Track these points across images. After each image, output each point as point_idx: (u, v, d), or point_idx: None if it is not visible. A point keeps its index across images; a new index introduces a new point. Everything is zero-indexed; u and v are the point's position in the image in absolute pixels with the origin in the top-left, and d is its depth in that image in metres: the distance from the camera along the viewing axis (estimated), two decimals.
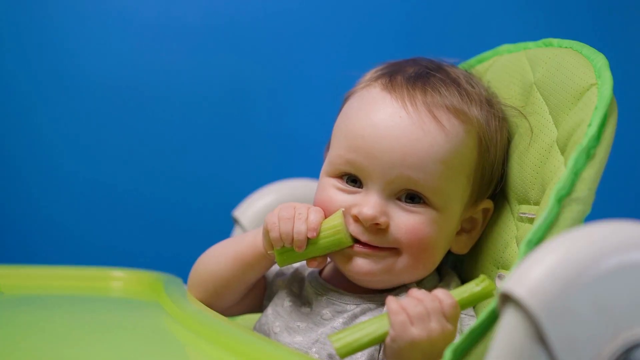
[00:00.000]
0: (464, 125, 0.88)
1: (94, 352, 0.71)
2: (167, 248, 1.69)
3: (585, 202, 0.76)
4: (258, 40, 1.71)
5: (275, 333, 0.91)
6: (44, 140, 1.69)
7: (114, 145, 1.70)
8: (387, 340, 0.75)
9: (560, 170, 0.83)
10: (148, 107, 1.71)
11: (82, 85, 1.69)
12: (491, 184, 0.92)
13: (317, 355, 0.86)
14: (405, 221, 0.86)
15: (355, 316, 0.88)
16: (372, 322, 0.76)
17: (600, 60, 0.84)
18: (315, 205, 0.91)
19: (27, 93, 1.68)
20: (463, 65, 1.07)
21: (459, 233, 0.92)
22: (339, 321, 0.88)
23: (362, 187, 0.88)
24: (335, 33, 1.72)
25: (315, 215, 0.87)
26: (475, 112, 0.89)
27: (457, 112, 0.88)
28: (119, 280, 1.09)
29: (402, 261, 0.87)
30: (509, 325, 0.62)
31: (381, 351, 0.84)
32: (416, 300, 0.75)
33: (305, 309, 0.92)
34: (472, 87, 0.92)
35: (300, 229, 0.86)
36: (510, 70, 0.98)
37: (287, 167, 1.53)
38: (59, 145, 1.69)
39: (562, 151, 0.84)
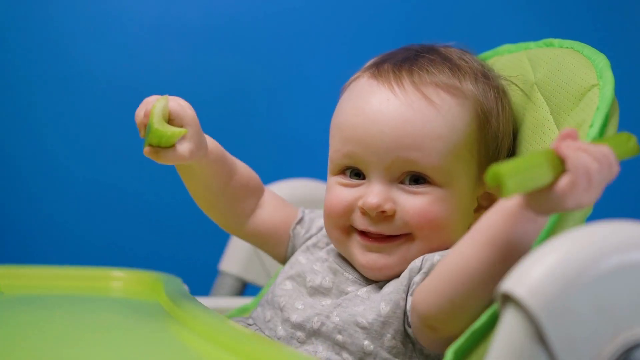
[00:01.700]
0: (457, 99, 0.87)
1: (94, 352, 0.71)
2: (167, 248, 1.70)
3: None
4: (258, 40, 1.71)
5: (298, 309, 0.89)
6: (44, 140, 1.69)
7: (114, 145, 1.70)
8: (558, 192, 0.66)
9: None
10: None
11: (82, 85, 1.69)
12: (499, 156, 0.90)
13: (338, 319, 0.85)
14: (412, 204, 0.85)
15: (380, 287, 0.87)
16: (531, 157, 0.66)
17: (602, 61, 0.84)
18: (325, 206, 0.91)
19: (27, 92, 1.68)
20: None
21: (477, 210, 0.89)
22: (363, 290, 0.87)
23: (365, 179, 0.88)
24: (335, 33, 1.72)
25: (153, 102, 0.85)
26: (469, 85, 0.88)
27: (447, 87, 0.87)
28: (119, 280, 1.09)
29: (416, 247, 0.86)
30: (509, 325, 0.62)
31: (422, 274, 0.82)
32: (598, 164, 0.67)
33: (326, 284, 0.90)
34: (466, 62, 0.91)
35: (138, 113, 0.86)
36: (511, 70, 0.98)
37: (287, 167, 1.53)
38: (59, 145, 1.69)
39: None
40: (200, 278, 1.29)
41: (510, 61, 0.99)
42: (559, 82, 0.88)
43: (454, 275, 0.74)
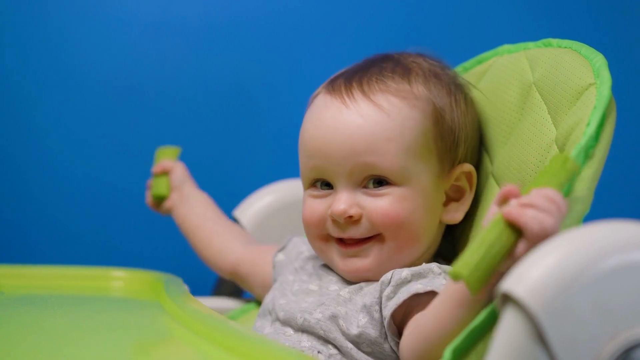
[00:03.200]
0: (406, 101, 0.91)
1: (94, 352, 0.71)
2: (167, 248, 1.69)
3: (584, 201, 0.76)
4: (259, 40, 1.71)
5: (280, 304, 0.94)
6: (45, 139, 1.69)
7: (114, 144, 1.70)
8: (522, 244, 0.67)
9: None
10: (148, 107, 1.70)
11: (83, 84, 1.69)
12: (458, 148, 0.93)
13: (320, 315, 0.88)
14: (376, 206, 0.89)
15: (361, 288, 0.90)
16: (486, 240, 0.67)
17: (599, 60, 0.84)
18: (302, 219, 0.95)
19: (27, 91, 1.68)
20: (464, 65, 1.07)
21: (446, 203, 0.93)
22: (345, 290, 0.91)
23: (334, 189, 0.92)
24: (336, 33, 1.72)
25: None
26: (419, 86, 0.92)
27: (397, 91, 0.91)
28: (119, 280, 1.09)
29: (387, 247, 0.90)
30: (509, 325, 0.62)
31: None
32: (551, 218, 0.68)
33: (313, 287, 0.95)
34: (417, 64, 0.95)
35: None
36: (510, 70, 0.98)
37: (287, 167, 1.53)
38: (59, 144, 1.69)
39: (561, 151, 0.84)
40: (200, 278, 1.29)
41: (509, 61, 0.99)
42: (556, 81, 0.88)
43: (432, 337, 0.76)
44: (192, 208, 1.16)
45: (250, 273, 1.09)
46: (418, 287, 0.84)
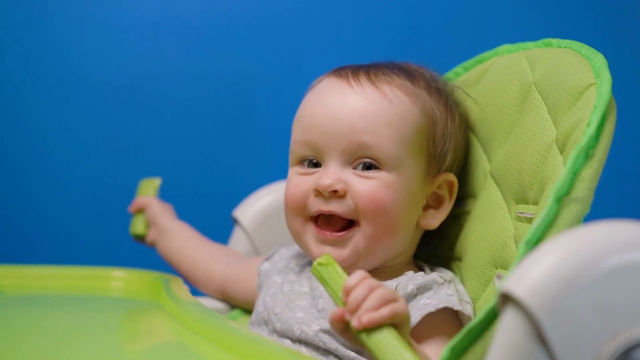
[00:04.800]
0: (409, 96, 0.94)
1: (94, 352, 0.71)
2: None
3: (584, 201, 0.76)
4: (259, 40, 1.71)
5: (275, 314, 0.93)
6: (45, 139, 1.69)
7: (114, 144, 1.70)
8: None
9: (559, 170, 0.83)
10: (149, 107, 1.71)
11: (83, 84, 1.69)
12: (446, 156, 0.95)
13: (318, 327, 0.88)
14: (362, 187, 0.90)
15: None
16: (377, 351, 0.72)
17: (599, 60, 0.84)
18: (284, 196, 0.96)
19: (27, 91, 1.68)
20: (464, 65, 1.08)
21: (425, 209, 0.95)
22: None
23: (321, 167, 0.93)
24: (337, 32, 1.72)
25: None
26: (422, 90, 0.95)
27: (401, 86, 0.94)
28: (119, 280, 1.09)
29: (363, 232, 0.90)
30: (509, 325, 0.62)
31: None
32: (355, 293, 0.73)
33: (304, 289, 0.95)
34: (421, 73, 0.98)
35: None
36: (510, 70, 0.98)
37: (287, 167, 1.54)
38: (60, 145, 1.69)
39: (561, 151, 0.84)
40: None
41: (509, 61, 0.99)
42: (556, 81, 0.88)
43: None
44: (171, 241, 1.16)
45: (238, 291, 1.09)
46: (427, 302, 0.86)
